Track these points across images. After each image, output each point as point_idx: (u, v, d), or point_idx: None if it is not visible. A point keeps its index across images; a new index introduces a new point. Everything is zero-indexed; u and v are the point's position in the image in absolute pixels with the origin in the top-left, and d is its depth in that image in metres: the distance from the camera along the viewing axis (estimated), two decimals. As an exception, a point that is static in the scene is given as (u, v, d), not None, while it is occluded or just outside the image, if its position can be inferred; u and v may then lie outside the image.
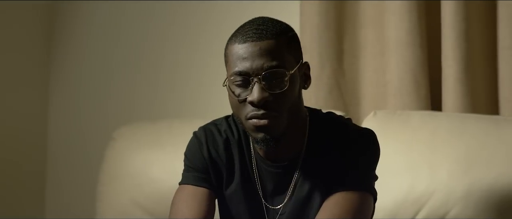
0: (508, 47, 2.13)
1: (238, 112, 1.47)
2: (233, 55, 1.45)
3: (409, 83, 2.19)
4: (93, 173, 2.33)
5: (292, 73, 1.44)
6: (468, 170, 1.88)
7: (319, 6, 2.27)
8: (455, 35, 2.13)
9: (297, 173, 1.54)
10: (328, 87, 2.28)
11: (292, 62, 1.46)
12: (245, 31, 1.45)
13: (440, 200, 1.88)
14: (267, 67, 1.42)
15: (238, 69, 1.43)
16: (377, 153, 1.56)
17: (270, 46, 1.43)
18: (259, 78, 1.42)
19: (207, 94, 2.51)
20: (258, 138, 1.45)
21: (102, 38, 2.75)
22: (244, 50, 1.43)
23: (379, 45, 2.27)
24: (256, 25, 1.46)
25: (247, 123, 1.45)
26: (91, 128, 2.73)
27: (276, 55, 1.43)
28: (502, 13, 2.14)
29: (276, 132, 1.45)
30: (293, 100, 1.46)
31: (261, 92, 1.41)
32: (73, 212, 2.71)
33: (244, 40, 1.43)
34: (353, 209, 1.48)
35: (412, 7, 2.17)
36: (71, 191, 2.74)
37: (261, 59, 1.42)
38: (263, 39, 1.43)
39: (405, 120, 2.04)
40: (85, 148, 2.72)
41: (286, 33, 1.48)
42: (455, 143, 1.93)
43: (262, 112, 1.42)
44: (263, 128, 1.44)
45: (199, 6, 2.60)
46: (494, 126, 1.95)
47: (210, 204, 1.58)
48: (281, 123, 1.45)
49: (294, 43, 1.50)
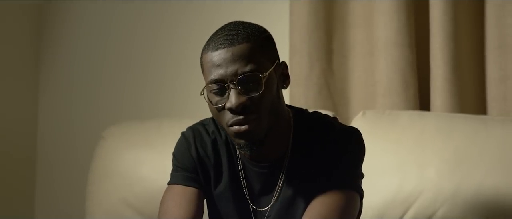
0: (496, 48, 2.14)
1: (219, 119, 1.46)
2: (207, 64, 1.44)
3: (398, 83, 2.19)
4: (83, 172, 2.32)
5: (267, 75, 1.43)
6: (456, 170, 1.88)
7: (309, 6, 2.27)
8: (443, 36, 2.13)
9: (283, 173, 1.53)
10: (318, 87, 2.28)
11: (267, 63, 1.45)
12: (216, 38, 1.44)
13: (429, 199, 1.88)
14: (241, 73, 1.41)
15: (213, 77, 1.42)
16: (362, 151, 1.56)
17: (243, 51, 1.42)
18: (234, 84, 1.41)
19: (195, 94, 2.50)
20: (241, 143, 1.44)
21: (92, 38, 2.74)
22: (217, 57, 1.42)
23: (368, 45, 2.27)
24: (227, 31, 1.45)
25: (229, 129, 1.44)
26: (80, 127, 2.72)
27: (249, 59, 1.42)
28: (490, 14, 2.14)
29: (258, 136, 1.44)
30: (271, 102, 1.45)
31: (238, 98, 1.40)
32: (63, 211, 2.70)
33: (216, 47, 1.42)
34: (340, 208, 1.47)
35: (401, 8, 2.17)
36: (61, 190, 2.73)
37: (235, 65, 1.41)
38: (235, 44, 1.42)
39: (394, 119, 2.04)
40: (74, 147, 2.71)
41: (259, 35, 1.46)
42: (443, 143, 1.93)
43: (242, 117, 1.41)
44: (244, 134, 1.43)
45: (189, 6, 2.60)
46: (482, 125, 1.95)
47: (199, 204, 1.57)
48: (262, 125, 1.44)
49: (268, 44, 1.48)
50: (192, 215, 1.54)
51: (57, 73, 2.77)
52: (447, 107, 2.13)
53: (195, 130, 1.60)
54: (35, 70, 2.78)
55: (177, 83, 2.61)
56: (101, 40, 2.72)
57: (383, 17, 2.19)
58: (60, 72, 2.77)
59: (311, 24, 2.27)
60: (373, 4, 2.24)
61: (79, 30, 2.75)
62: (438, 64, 2.14)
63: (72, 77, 2.76)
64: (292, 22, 2.30)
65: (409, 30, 2.19)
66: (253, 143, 1.44)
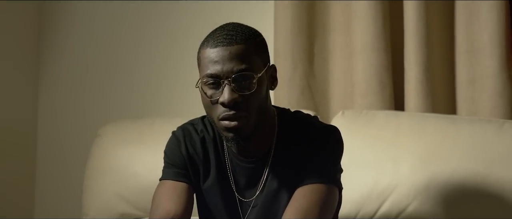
0: (465, 52, 2.15)
1: (211, 112, 1.48)
2: (205, 59, 1.45)
3: (375, 84, 2.19)
4: (80, 168, 2.31)
5: (259, 76, 1.46)
6: (428, 165, 1.89)
7: (292, 12, 2.27)
8: (416, 41, 2.13)
9: (268, 168, 1.55)
10: (300, 88, 2.29)
11: (260, 65, 1.48)
12: (216, 37, 1.46)
13: (402, 193, 1.89)
14: (237, 71, 1.43)
15: (210, 72, 1.44)
16: (341, 147, 1.57)
17: (240, 51, 1.44)
18: (229, 80, 1.43)
19: (186, 95, 2.51)
20: (229, 137, 1.46)
21: (90, 38, 2.72)
22: (216, 54, 1.44)
23: (347, 49, 2.27)
24: (227, 30, 1.47)
25: (219, 123, 1.46)
26: (78, 125, 2.70)
27: (245, 59, 1.44)
28: (459, 21, 2.16)
29: (245, 132, 1.46)
30: (261, 101, 1.48)
31: (231, 94, 1.43)
32: (61, 204, 2.69)
33: (216, 44, 1.44)
34: (320, 200, 1.48)
35: (377, 14, 2.18)
36: (60, 185, 2.71)
37: (231, 63, 1.43)
38: (233, 44, 1.44)
39: (370, 118, 2.05)
40: (72, 144, 2.69)
41: (255, 38, 1.49)
42: (416, 140, 1.94)
43: (232, 112, 1.43)
44: (233, 129, 1.45)
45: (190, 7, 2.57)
46: (452, 124, 1.96)
47: (189, 198, 1.58)
48: (250, 122, 1.46)
49: (262, 47, 1.51)
50: (183, 208, 1.54)
51: (56, 73, 2.75)
52: (420, 107, 2.14)
53: (185, 129, 1.62)
54: (35, 69, 2.75)
55: (169, 85, 2.60)
56: (99, 40, 2.70)
57: (361, 23, 2.20)
58: (59, 72, 2.75)
59: (294, 29, 2.27)
60: (351, 11, 2.24)
61: (78, 30, 2.73)
62: (412, 67, 2.15)
63: (70, 77, 2.73)
64: (277, 27, 2.30)
65: (385, 35, 2.20)
66: (240, 138, 1.46)
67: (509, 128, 1.90)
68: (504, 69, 2.08)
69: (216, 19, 2.02)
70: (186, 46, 2.53)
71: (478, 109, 2.13)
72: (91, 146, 2.27)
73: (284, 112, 1.62)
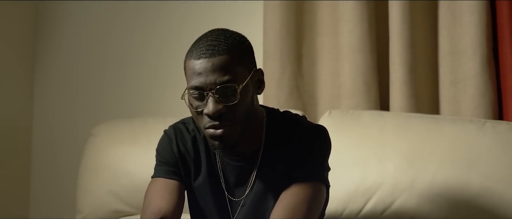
0: (448, 54, 2.16)
1: (197, 121, 1.48)
2: (189, 70, 1.44)
3: (361, 85, 2.19)
4: (74, 166, 2.30)
5: (243, 85, 1.44)
6: (412, 164, 1.89)
7: (281, 15, 2.27)
8: (401, 43, 2.14)
9: (257, 167, 1.55)
10: (289, 88, 2.28)
11: (244, 73, 1.46)
12: (199, 47, 1.44)
13: (387, 190, 1.89)
14: (220, 82, 1.41)
15: (194, 84, 1.43)
16: (328, 146, 1.57)
17: (222, 62, 1.42)
18: (212, 92, 1.41)
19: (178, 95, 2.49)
20: (215, 145, 1.46)
21: (84, 41, 2.70)
22: (199, 66, 1.42)
23: (334, 51, 2.27)
24: (210, 41, 1.44)
25: (206, 132, 1.46)
26: (72, 125, 2.69)
27: (228, 70, 1.42)
28: (442, 24, 2.17)
29: (231, 140, 1.46)
30: (246, 109, 1.46)
31: (215, 105, 1.42)
32: (55, 202, 2.68)
33: (198, 56, 1.42)
34: (308, 198, 1.49)
35: (363, 17, 2.18)
36: (54, 183, 2.71)
37: (214, 75, 1.41)
38: (215, 55, 1.42)
39: (356, 118, 2.04)
40: (67, 143, 2.68)
41: (239, 46, 1.46)
42: (400, 140, 1.94)
43: (217, 122, 1.43)
44: (218, 137, 1.44)
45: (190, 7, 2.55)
46: (435, 124, 1.96)
47: (180, 195, 1.58)
48: (235, 131, 1.45)
49: (246, 54, 1.48)
50: (174, 205, 1.54)
51: (51, 73, 2.73)
52: (405, 107, 2.14)
53: (176, 128, 1.62)
54: (30, 70, 2.74)
55: (162, 85, 2.59)
56: (93, 42, 2.69)
57: (348, 26, 2.20)
58: (54, 72, 2.73)
59: (283, 32, 2.27)
60: (338, 14, 2.24)
61: (73, 31, 2.71)
62: (397, 69, 2.15)
63: (65, 77, 2.72)
64: (266, 30, 2.30)
65: (371, 37, 2.20)
66: (226, 146, 1.45)
67: (490, 128, 1.91)
68: (486, 70, 2.09)
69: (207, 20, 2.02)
70: (176, 47, 2.52)
71: (460, 109, 2.13)
72: (85, 145, 2.26)
73: (273, 112, 1.61)
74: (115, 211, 2.16)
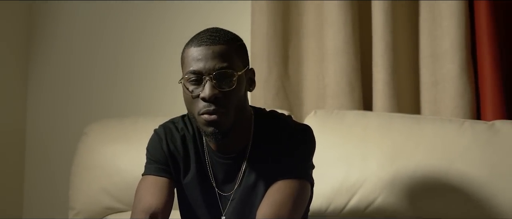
0: (428, 56, 2.17)
1: (191, 107, 1.48)
2: (189, 57, 1.46)
3: (345, 86, 2.19)
4: (67, 164, 2.28)
5: (239, 75, 1.47)
6: (394, 161, 1.90)
7: (268, 18, 2.27)
8: (383, 45, 2.14)
9: (245, 164, 1.56)
10: (275, 89, 2.28)
11: (240, 65, 1.49)
12: (200, 37, 1.47)
13: (370, 187, 1.89)
14: (218, 68, 1.44)
15: (193, 68, 1.45)
16: (313, 145, 1.58)
17: (222, 50, 1.45)
18: (210, 77, 1.44)
19: (167, 95, 2.50)
20: (208, 131, 1.47)
21: (76, 41, 2.68)
22: (199, 52, 1.45)
23: (319, 53, 2.28)
24: (211, 32, 1.48)
25: (199, 117, 1.47)
26: (65, 124, 2.67)
27: (226, 58, 1.45)
28: (423, 27, 2.18)
29: (224, 127, 1.47)
30: (239, 99, 1.48)
31: (212, 90, 1.43)
32: (49, 199, 2.66)
33: (199, 44, 1.45)
34: (293, 194, 1.50)
35: (347, 21, 2.18)
36: (48, 180, 2.69)
37: (213, 61, 1.44)
38: (216, 44, 1.45)
39: (341, 118, 2.04)
40: (60, 142, 2.66)
41: (236, 41, 1.51)
42: (383, 138, 1.95)
43: (212, 107, 1.44)
44: (212, 122, 1.45)
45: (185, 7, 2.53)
46: (416, 124, 1.97)
47: (170, 192, 1.59)
48: (229, 118, 1.47)
49: (242, 50, 1.53)
50: (164, 202, 1.55)
51: (45, 73, 2.71)
52: (387, 107, 2.14)
53: (166, 127, 1.62)
54: (24, 70, 2.71)
55: (152, 85, 2.58)
56: (86, 44, 2.66)
57: (332, 29, 2.20)
58: (47, 73, 2.71)
59: (270, 34, 2.27)
60: (323, 17, 2.25)
61: (67, 31, 2.68)
62: (379, 70, 2.16)
63: (58, 77, 2.70)
64: (253, 32, 2.30)
65: (354, 40, 2.20)
66: (219, 132, 1.46)
67: (469, 127, 1.92)
68: (465, 72, 2.11)
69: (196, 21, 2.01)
70: (166, 48, 2.53)
71: (440, 109, 2.14)
72: (78, 144, 2.25)
73: (260, 112, 1.63)
74: (106, 208, 2.16)
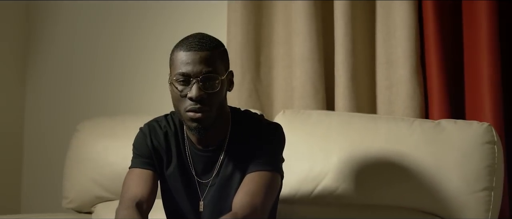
0: (384, 63, 2.17)
1: (179, 105, 1.50)
2: (178, 60, 1.48)
3: (310, 89, 2.19)
4: (62, 158, 2.26)
5: (222, 78, 1.49)
6: (353, 155, 1.90)
7: (241, 28, 2.26)
8: (344, 53, 2.14)
9: (222, 156, 1.58)
10: (248, 91, 2.27)
11: (223, 70, 1.51)
12: (189, 42, 1.49)
13: (332, 178, 1.90)
14: (205, 72, 1.46)
15: (182, 71, 1.47)
16: (283, 141, 1.61)
17: (208, 56, 1.47)
18: (197, 79, 1.46)
19: (155, 95, 2.49)
20: (192, 126, 1.50)
21: (72, 41, 2.63)
22: (188, 56, 1.47)
23: (288, 59, 2.26)
24: (198, 38, 1.50)
25: (185, 114, 1.49)
26: (60, 121, 2.64)
27: (212, 64, 1.47)
28: (379, 37, 2.18)
29: (206, 123, 1.50)
30: (221, 99, 1.51)
31: (198, 91, 1.46)
32: (45, 189, 2.64)
33: (188, 49, 1.47)
34: (265, 185, 1.52)
35: (312, 30, 2.18)
36: (44, 172, 2.65)
37: (200, 65, 1.46)
38: (203, 50, 1.47)
39: (306, 117, 2.04)
40: (55, 138, 2.63)
41: (220, 47, 1.52)
42: (344, 135, 1.95)
43: (198, 106, 1.46)
44: (197, 120, 1.48)
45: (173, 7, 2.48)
46: (372, 122, 1.98)
47: (154, 183, 1.60)
48: (211, 116, 1.49)
49: (225, 55, 1.54)
50: (148, 192, 1.56)
51: (42, 73, 2.67)
52: (347, 108, 2.14)
53: (150, 125, 1.63)
54: (22, 70, 2.66)
55: (140, 86, 2.56)
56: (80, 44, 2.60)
57: (299, 38, 2.20)
58: (44, 72, 2.66)
59: (243, 42, 2.25)
60: (292, 28, 2.24)
61: (63, 31, 2.62)
62: (341, 75, 2.16)
63: (54, 77, 2.66)
64: (229, 40, 2.28)
65: (319, 48, 2.19)
66: (202, 128, 1.49)
67: (418, 125, 1.93)
68: (415, 77, 2.11)
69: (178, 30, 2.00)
70: (155, 50, 2.50)
71: (394, 109, 2.14)
72: (71, 139, 2.23)
73: (236, 111, 1.65)
74: (97, 197, 2.15)
